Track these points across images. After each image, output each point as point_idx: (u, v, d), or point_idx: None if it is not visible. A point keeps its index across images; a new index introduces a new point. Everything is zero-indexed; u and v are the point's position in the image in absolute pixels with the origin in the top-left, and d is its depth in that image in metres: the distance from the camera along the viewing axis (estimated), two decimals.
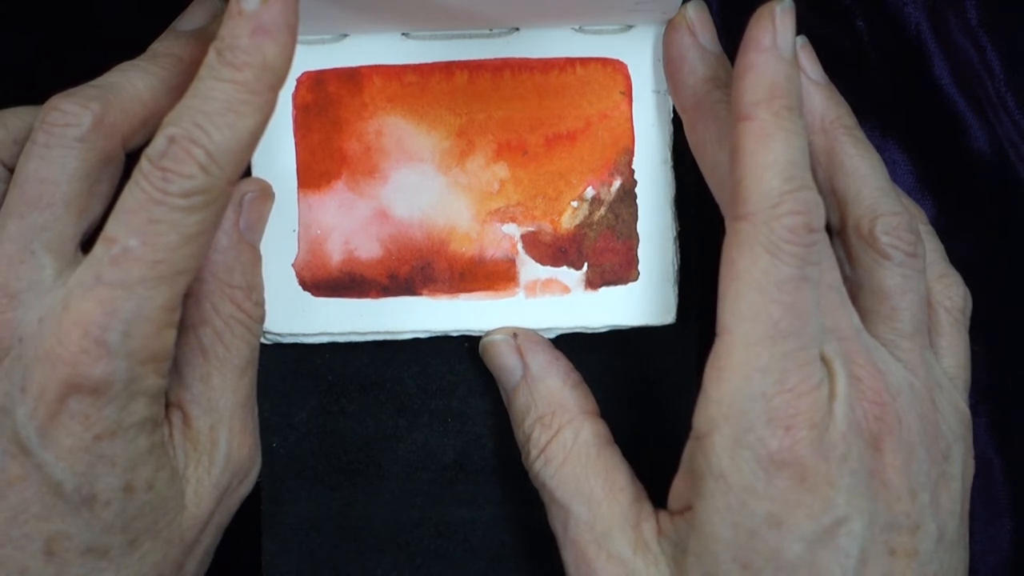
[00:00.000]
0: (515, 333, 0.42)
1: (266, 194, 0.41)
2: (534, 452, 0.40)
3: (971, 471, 0.39)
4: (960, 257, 0.42)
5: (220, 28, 0.35)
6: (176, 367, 0.39)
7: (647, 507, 0.39)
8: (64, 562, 0.36)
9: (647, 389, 0.44)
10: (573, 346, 0.43)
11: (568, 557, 0.39)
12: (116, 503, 0.36)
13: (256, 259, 0.40)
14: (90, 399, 0.35)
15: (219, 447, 0.39)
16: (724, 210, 0.39)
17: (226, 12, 0.35)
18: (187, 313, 0.38)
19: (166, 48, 0.40)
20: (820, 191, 0.38)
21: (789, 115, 0.36)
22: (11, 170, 0.38)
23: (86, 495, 0.35)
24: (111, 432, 0.35)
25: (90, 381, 0.35)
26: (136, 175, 0.35)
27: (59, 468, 0.35)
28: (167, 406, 0.38)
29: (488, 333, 0.43)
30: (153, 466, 0.37)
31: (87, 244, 0.37)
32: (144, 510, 0.37)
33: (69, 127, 0.37)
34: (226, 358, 0.39)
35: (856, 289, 0.39)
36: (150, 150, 0.35)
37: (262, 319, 0.40)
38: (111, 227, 0.35)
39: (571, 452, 0.40)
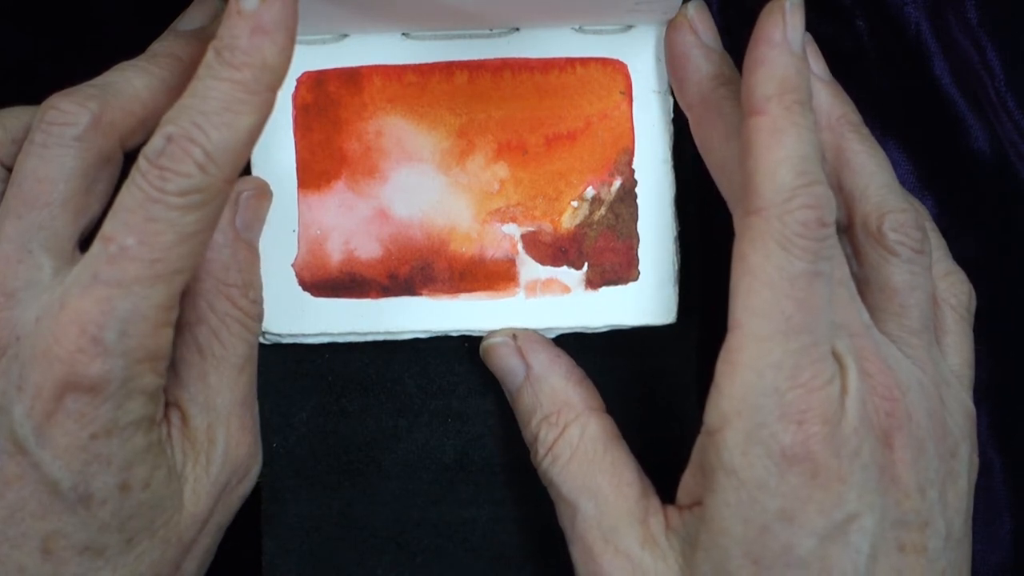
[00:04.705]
0: (514, 334, 0.42)
1: (263, 193, 0.41)
2: (542, 451, 0.40)
3: (976, 469, 0.39)
4: (960, 256, 0.42)
5: (219, 28, 0.35)
6: (173, 366, 0.39)
7: (655, 502, 0.39)
8: (61, 561, 0.36)
9: (647, 389, 0.44)
10: (573, 346, 0.43)
11: (576, 553, 0.39)
12: (112, 502, 0.36)
13: (253, 257, 0.40)
14: (86, 398, 0.35)
15: (217, 445, 0.39)
16: (732, 206, 0.39)
17: (225, 12, 0.35)
18: (184, 312, 0.38)
19: (165, 48, 0.40)
20: None
21: (800, 110, 0.36)
22: (9, 169, 0.38)
23: (82, 494, 0.36)
24: (107, 431, 0.35)
25: (86, 380, 0.35)
26: (134, 174, 0.35)
27: (55, 466, 0.35)
28: (165, 405, 0.38)
29: (488, 336, 0.43)
30: (150, 465, 0.37)
31: (85, 243, 0.37)
32: (140, 509, 0.37)
33: (67, 126, 0.37)
34: (223, 356, 0.39)
35: (863, 286, 0.39)
36: (148, 149, 0.35)
37: (259, 317, 0.40)
38: (109, 226, 0.35)
39: (578, 448, 0.40)
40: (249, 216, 0.40)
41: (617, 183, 0.42)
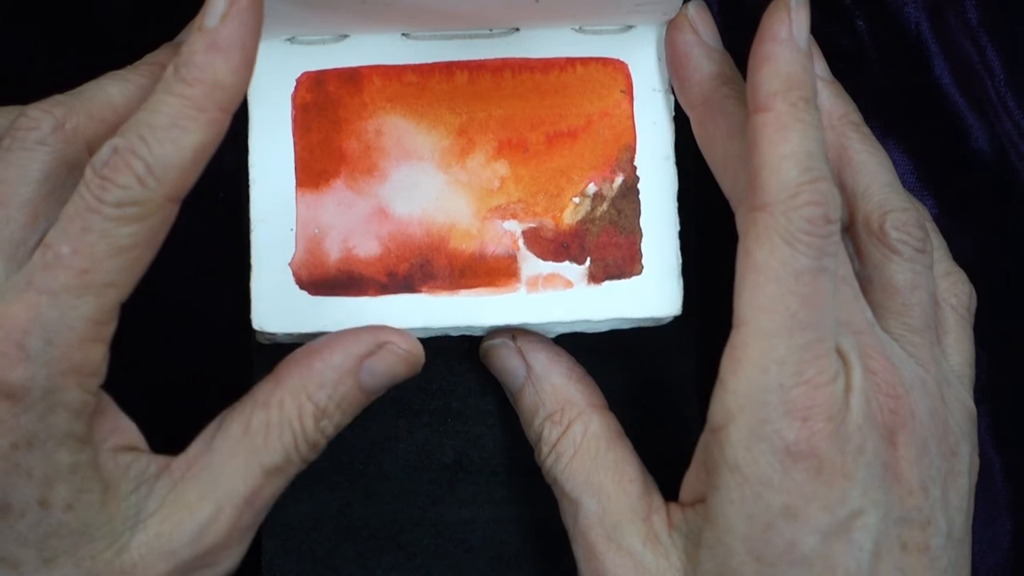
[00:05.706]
0: (513, 335, 0.42)
1: (410, 359, 0.40)
2: (546, 449, 0.40)
3: (976, 469, 0.39)
4: (960, 256, 0.42)
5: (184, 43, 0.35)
6: (222, 422, 0.38)
7: (658, 499, 0.39)
8: None
9: (647, 389, 0.43)
10: (573, 347, 0.42)
11: (578, 551, 0.39)
12: (30, 516, 0.35)
13: (355, 400, 0.39)
14: (7, 404, 0.34)
15: (196, 518, 0.37)
16: (735, 205, 0.39)
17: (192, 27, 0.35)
18: (264, 388, 0.38)
19: (152, 57, 0.40)
20: None
21: (806, 106, 0.36)
22: None
23: (1, 503, 0.35)
24: (28, 442, 0.35)
25: (7, 386, 0.34)
26: (80, 183, 0.35)
27: None
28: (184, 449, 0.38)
29: (486, 338, 0.43)
30: (75, 486, 0.35)
31: None
32: (61, 530, 0.35)
33: (31, 131, 0.36)
34: (260, 451, 0.38)
35: (865, 285, 0.39)
36: (95, 159, 0.35)
37: (317, 446, 0.39)
38: (51, 233, 0.35)
39: (581, 446, 0.40)
40: (380, 368, 0.39)
41: (619, 179, 0.42)
